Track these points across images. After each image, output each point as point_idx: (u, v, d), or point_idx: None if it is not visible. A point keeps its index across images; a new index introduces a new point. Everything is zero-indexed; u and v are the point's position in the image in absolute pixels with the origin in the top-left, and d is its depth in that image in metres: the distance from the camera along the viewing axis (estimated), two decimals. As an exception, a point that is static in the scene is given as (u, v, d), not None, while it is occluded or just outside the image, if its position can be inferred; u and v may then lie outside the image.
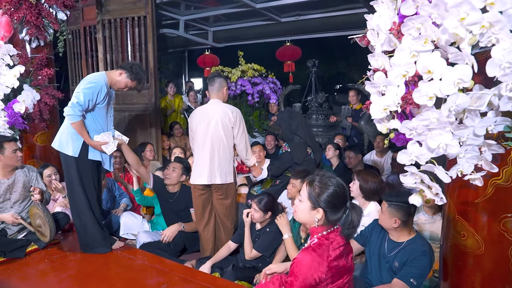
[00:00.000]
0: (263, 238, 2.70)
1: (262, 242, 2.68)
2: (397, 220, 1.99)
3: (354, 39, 1.64)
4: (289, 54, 6.94)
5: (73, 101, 2.60)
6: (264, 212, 2.66)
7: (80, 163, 2.73)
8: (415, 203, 1.44)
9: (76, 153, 2.70)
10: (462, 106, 1.21)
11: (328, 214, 1.54)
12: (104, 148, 2.74)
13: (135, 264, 2.65)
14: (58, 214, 3.09)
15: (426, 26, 1.23)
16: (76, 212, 2.80)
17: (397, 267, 1.98)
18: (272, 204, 2.68)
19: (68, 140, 2.71)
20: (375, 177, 2.71)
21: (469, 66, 1.19)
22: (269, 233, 2.68)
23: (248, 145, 3.07)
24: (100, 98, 2.71)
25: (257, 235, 2.75)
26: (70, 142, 2.71)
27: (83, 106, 2.61)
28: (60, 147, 2.73)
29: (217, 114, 2.89)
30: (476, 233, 1.55)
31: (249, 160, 3.09)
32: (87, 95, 2.62)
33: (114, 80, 2.79)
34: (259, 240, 2.71)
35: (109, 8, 4.66)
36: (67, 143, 2.71)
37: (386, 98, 1.35)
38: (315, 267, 1.47)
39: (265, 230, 2.73)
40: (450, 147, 1.26)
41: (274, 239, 2.65)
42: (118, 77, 2.78)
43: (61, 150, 2.73)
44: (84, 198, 2.75)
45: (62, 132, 2.75)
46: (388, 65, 1.34)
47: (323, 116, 5.47)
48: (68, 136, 2.71)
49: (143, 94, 4.68)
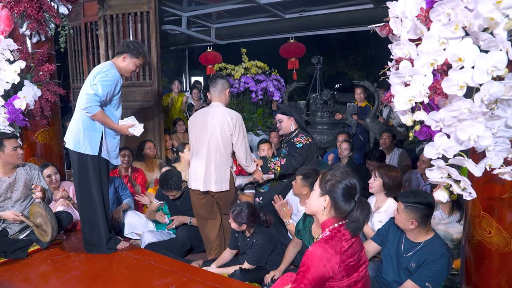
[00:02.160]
0: (253, 251, 2.62)
1: (253, 256, 2.61)
2: (413, 222, 1.92)
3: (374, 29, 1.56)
4: (293, 51, 6.87)
5: (90, 93, 2.50)
6: (238, 224, 2.60)
7: (98, 162, 2.67)
8: (440, 199, 1.36)
9: (96, 151, 2.64)
10: (496, 95, 1.14)
11: (335, 202, 1.53)
12: (132, 131, 2.72)
13: (141, 264, 2.58)
14: (60, 213, 3.02)
15: (458, 11, 1.16)
16: (88, 212, 2.73)
17: (413, 268, 1.92)
18: (248, 218, 2.58)
19: (85, 139, 2.62)
20: (397, 171, 2.66)
21: (504, 52, 1.12)
22: (256, 246, 2.61)
23: (248, 152, 2.96)
24: (117, 90, 2.67)
25: (247, 242, 2.70)
26: (87, 140, 2.62)
27: (101, 98, 2.53)
28: (76, 147, 2.64)
29: (216, 119, 2.79)
30: (504, 230, 1.48)
31: (249, 167, 3.00)
32: (105, 88, 2.55)
33: (122, 67, 2.73)
34: (250, 254, 2.64)
35: (110, 4, 4.58)
36: (83, 141, 2.62)
37: (411, 89, 1.27)
38: (327, 258, 1.45)
39: (252, 242, 2.65)
40: (482, 139, 1.19)
41: (263, 250, 2.61)
42: (123, 62, 2.72)
43: (77, 150, 2.64)
44: (99, 198, 2.70)
45: (76, 131, 2.65)
46: (415, 53, 1.27)
47: (328, 113, 5.39)
48: (84, 135, 2.63)
49: (146, 91, 4.62)
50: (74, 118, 2.72)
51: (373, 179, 2.60)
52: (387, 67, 1.46)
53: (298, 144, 3.19)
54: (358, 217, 1.51)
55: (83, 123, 2.63)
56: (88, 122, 2.63)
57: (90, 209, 2.72)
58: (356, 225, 1.51)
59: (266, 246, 2.62)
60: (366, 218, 1.52)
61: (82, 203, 2.75)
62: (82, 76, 5.12)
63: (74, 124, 2.69)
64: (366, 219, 1.53)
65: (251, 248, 2.65)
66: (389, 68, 1.45)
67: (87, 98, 2.50)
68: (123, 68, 2.74)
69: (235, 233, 2.78)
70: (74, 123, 2.69)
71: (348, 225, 1.52)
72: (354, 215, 1.51)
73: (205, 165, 2.80)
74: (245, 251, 2.72)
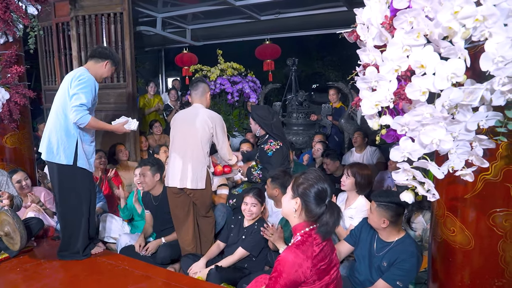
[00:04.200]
0: (252, 236, 2.66)
1: (251, 241, 2.64)
2: (385, 221, 1.98)
3: (342, 34, 1.60)
4: (268, 53, 6.90)
5: (76, 104, 2.47)
6: (261, 203, 2.72)
7: (74, 171, 2.60)
8: (406, 200, 1.42)
9: (70, 161, 2.57)
10: (456, 100, 1.19)
11: (306, 205, 1.56)
12: (128, 127, 2.78)
13: (115, 269, 2.54)
14: (30, 220, 2.93)
15: (419, 19, 1.21)
16: (66, 220, 2.68)
17: (385, 267, 1.97)
18: (263, 194, 2.77)
19: (58, 148, 2.56)
20: (367, 169, 2.75)
21: (462, 60, 1.17)
22: (257, 231, 2.63)
23: (229, 149, 3.15)
24: (95, 95, 2.65)
25: (244, 233, 2.71)
26: (61, 149, 2.56)
27: (87, 105, 2.51)
28: (49, 156, 2.57)
29: (197, 119, 2.89)
30: (466, 229, 1.54)
31: (231, 160, 3.18)
32: (87, 94, 2.52)
33: (99, 73, 2.72)
34: (248, 239, 2.66)
35: (83, 4, 4.48)
36: (57, 151, 2.56)
37: (377, 94, 1.32)
38: (299, 263, 1.47)
39: (253, 227, 2.68)
40: (443, 143, 1.24)
41: (263, 238, 2.59)
42: (104, 68, 2.73)
43: (51, 160, 2.57)
44: (78, 207, 2.66)
45: (49, 140, 2.59)
46: (380, 59, 1.31)
47: (303, 114, 5.46)
48: (58, 144, 2.57)
49: (120, 93, 4.54)
50: (47, 127, 2.65)
51: (345, 177, 2.68)
52: (355, 72, 1.50)
53: (269, 153, 3.25)
54: (328, 221, 1.54)
55: (56, 131, 2.58)
56: (62, 130, 2.58)
57: (68, 217, 2.67)
58: (327, 228, 1.55)
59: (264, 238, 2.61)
60: (337, 221, 1.56)
61: (62, 211, 2.70)
62: (54, 77, 4.98)
63: (48, 133, 2.62)
64: (337, 222, 1.57)
65: (249, 235, 2.68)
66: (357, 73, 1.49)
67: (75, 111, 2.46)
68: (100, 74, 2.74)
69: (230, 225, 2.86)
70: (49, 132, 2.62)
71: (319, 228, 1.55)
72: (325, 219, 1.55)
73: (182, 163, 2.87)
74: (236, 241, 2.74)
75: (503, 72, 1.13)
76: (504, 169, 1.44)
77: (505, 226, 1.47)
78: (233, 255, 2.65)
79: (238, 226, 2.81)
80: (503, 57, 1.12)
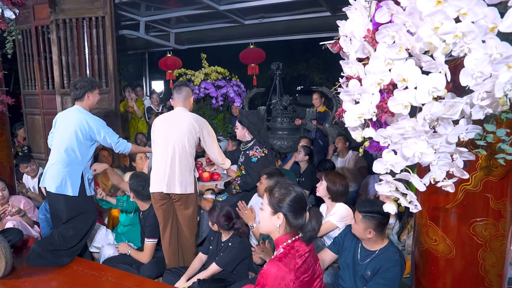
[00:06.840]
0: (226, 253, 2.61)
1: (225, 258, 2.60)
2: (371, 231, 1.99)
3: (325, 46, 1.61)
4: (252, 57, 6.90)
5: (114, 139, 2.92)
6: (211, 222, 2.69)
7: (80, 199, 2.79)
8: (389, 211, 1.43)
9: (76, 192, 2.77)
10: (437, 114, 1.21)
11: (289, 218, 1.55)
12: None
13: (97, 280, 2.50)
14: (9, 233, 2.84)
15: (401, 34, 1.22)
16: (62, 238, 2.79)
17: (369, 276, 1.98)
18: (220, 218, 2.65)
19: (66, 180, 2.74)
20: (342, 179, 2.74)
21: (443, 74, 1.19)
22: (232, 248, 2.61)
23: (220, 150, 3.07)
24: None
25: (222, 248, 2.68)
26: (69, 181, 2.75)
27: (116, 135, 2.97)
28: (58, 189, 2.74)
29: (182, 122, 2.83)
30: (447, 238, 1.57)
31: (224, 163, 3.12)
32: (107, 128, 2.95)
33: (90, 104, 2.99)
34: (222, 255, 2.62)
35: (63, 7, 4.38)
36: (65, 183, 2.74)
37: (360, 106, 1.33)
38: (282, 276, 1.47)
39: (228, 245, 2.64)
40: (425, 155, 1.26)
41: (237, 254, 2.60)
42: (89, 100, 2.95)
43: (60, 192, 2.74)
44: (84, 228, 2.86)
45: (57, 173, 2.75)
46: (362, 73, 1.32)
47: (288, 119, 5.48)
48: (66, 176, 2.74)
49: (103, 98, 4.45)
50: (51, 162, 2.80)
51: (320, 183, 2.70)
52: (338, 84, 1.51)
53: (253, 159, 3.24)
54: (314, 227, 1.55)
55: (64, 167, 2.75)
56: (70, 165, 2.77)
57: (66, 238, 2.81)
58: (313, 234, 1.56)
59: (239, 253, 2.60)
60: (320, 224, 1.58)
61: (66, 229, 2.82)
62: (33, 82, 4.84)
63: (52, 166, 2.79)
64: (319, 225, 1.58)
65: (224, 251, 2.63)
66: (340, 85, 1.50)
67: (119, 145, 2.94)
68: (91, 104, 2.97)
69: (210, 237, 2.80)
70: (54, 165, 2.79)
71: (304, 236, 1.56)
72: (310, 226, 1.56)
73: (169, 168, 2.79)
74: (215, 256, 2.69)
75: (481, 87, 1.15)
76: (483, 179, 1.46)
77: (484, 235, 1.50)
78: (207, 270, 2.62)
79: (216, 239, 2.76)
80: (482, 73, 1.14)
